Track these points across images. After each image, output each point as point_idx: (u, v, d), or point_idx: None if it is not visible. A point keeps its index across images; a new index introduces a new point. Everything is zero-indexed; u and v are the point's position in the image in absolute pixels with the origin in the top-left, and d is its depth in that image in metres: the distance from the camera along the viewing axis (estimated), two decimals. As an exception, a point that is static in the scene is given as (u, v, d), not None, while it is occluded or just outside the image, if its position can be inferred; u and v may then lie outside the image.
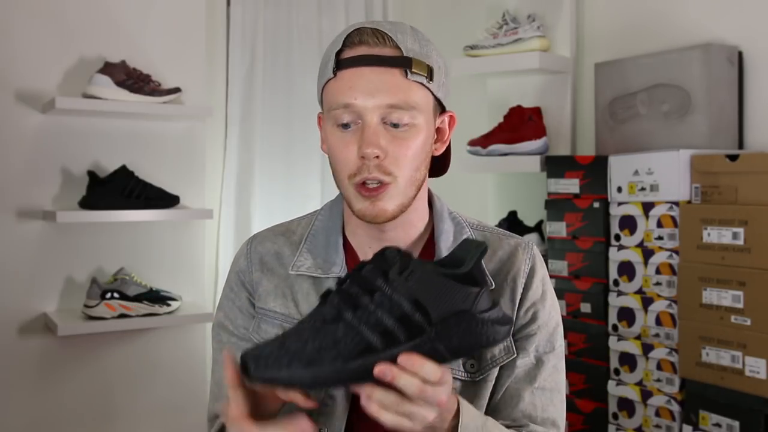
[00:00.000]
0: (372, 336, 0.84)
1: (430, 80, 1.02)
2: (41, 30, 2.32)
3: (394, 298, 0.85)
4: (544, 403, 1.09)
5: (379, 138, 0.99)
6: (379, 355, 0.84)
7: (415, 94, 1.01)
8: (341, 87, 1.00)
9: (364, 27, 1.02)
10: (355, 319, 0.85)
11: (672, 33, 2.38)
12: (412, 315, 0.85)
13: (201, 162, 2.58)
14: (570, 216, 2.29)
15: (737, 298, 1.86)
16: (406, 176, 1.02)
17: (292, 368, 0.82)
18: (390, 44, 1.00)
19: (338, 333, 0.84)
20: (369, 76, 0.99)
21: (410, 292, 0.85)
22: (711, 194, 1.97)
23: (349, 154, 1.01)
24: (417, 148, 1.02)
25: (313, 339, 0.84)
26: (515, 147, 2.50)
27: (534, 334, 1.09)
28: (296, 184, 2.94)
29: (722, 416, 1.90)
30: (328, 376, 0.83)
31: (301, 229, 1.16)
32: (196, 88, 2.54)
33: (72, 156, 2.36)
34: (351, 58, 1.00)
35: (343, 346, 0.84)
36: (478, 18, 2.90)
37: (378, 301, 0.85)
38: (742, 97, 2.25)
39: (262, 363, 0.83)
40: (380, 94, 0.98)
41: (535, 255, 1.13)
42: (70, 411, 2.36)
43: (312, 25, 2.96)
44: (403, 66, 1.00)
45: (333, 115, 1.02)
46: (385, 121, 1.00)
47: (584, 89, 2.64)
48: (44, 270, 2.34)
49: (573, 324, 2.26)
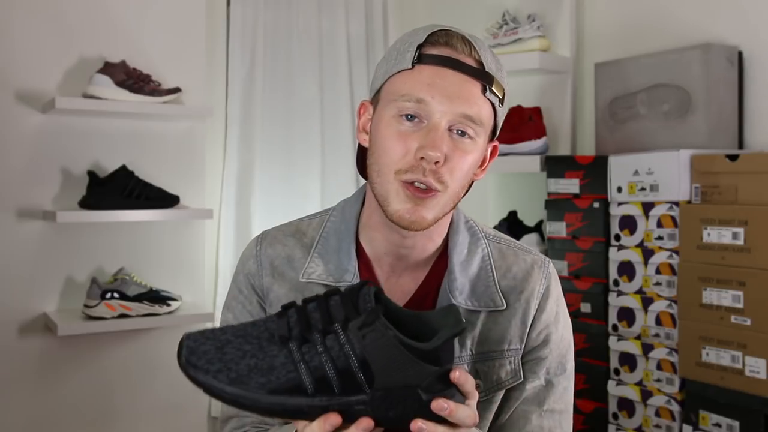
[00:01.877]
0: (307, 378, 0.81)
1: (500, 104, 0.99)
2: (41, 30, 2.32)
3: (345, 349, 0.81)
4: (552, 425, 1.07)
5: (444, 143, 0.95)
6: (304, 400, 0.81)
7: (485, 112, 0.98)
8: (419, 81, 0.96)
9: (451, 30, 0.99)
10: (298, 353, 0.81)
11: (672, 33, 2.38)
12: (355, 373, 0.81)
13: (201, 162, 2.57)
14: (570, 216, 2.29)
15: (737, 298, 1.86)
16: (454, 189, 0.98)
17: (218, 379, 0.81)
18: (475, 55, 0.97)
19: (276, 360, 0.81)
20: (451, 79, 0.95)
21: (362, 350, 0.80)
22: (711, 194, 1.97)
23: (405, 149, 0.96)
24: (471, 164, 0.99)
25: (252, 356, 0.82)
26: (515, 147, 2.50)
27: (545, 357, 1.07)
28: (296, 184, 2.94)
29: (722, 416, 1.90)
30: (247, 401, 0.81)
31: (312, 230, 1.11)
32: (196, 88, 2.54)
33: (72, 156, 2.36)
34: (436, 56, 0.96)
35: (275, 377, 0.81)
36: (478, 18, 2.90)
37: (328, 345, 0.81)
38: (742, 97, 2.25)
39: (194, 359, 0.82)
40: (459, 101, 0.95)
41: (550, 274, 1.10)
42: (70, 411, 2.36)
43: (312, 25, 2.96)
44: (485, 81, 0.97)
45: (398, 105, 0.96)
46: (452, 128, 0.96)
47: (584, 89, 2.65)
48: (44, 270, 2.34)
49: (573, 324, 2.24)
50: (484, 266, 1.07)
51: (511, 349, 1.05)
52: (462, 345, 1.03)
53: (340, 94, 3.00)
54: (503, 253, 1.10)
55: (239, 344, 0.83)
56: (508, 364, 1.05)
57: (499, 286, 1.06)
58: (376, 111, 1.02)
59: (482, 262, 1.07)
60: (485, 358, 1.04)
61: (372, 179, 1.01)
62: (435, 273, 1.07)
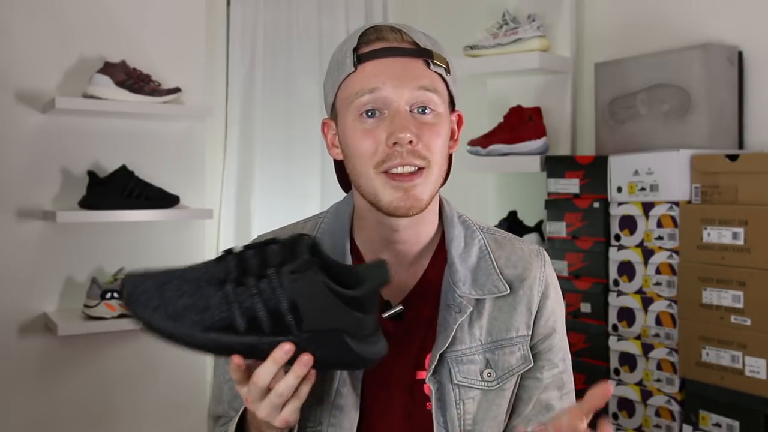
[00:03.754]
0: (239, 318, 0.86)
1: (447, 73, 1.03)
2: (41, 30, 2.32)
3: (277, 292, 0.85)
4: (569, 404, 1.11)
5: (410, 123, 0.98)
6: (235, 338, 0.86)
7: (437, 82, 1.01)
8: (365, 76, 0.99)
9: (378, 24, 1.02)
10: (233, 294, 0.86)
11: (672, 33, 2.38)
12: (285, 314, 0.86)
13: (201, 162, 2.57)
14: (570, 216, 2.29)
15: (737, 298, 1.86)
16: (438, 162, 1.01)
17: (156, 315, 0.87)
18: (407, 39, 1.01)
19: (212, 300, 0.86)
20: (394, 64, 0.99)
21: (293, 293, 0.85)
22: (711, 194, 1.97)
23: (375, 142, 0.98)
24: (444, 137, 1.02)
25: (189, 295, 0.87)
26: (515, 147, 2.50)
27: (557, 344, 1.11)
28: (296, 184, 2.94)
29: (722, 416, 1.90)
30: (182, 337, 0.87)
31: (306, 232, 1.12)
32: (196, 88, 2.54)
33: (72, 156, 2.36)
34: (373, 51, 1.00)
35: (209, 315, 0.86)
36: (478, 18, 2.90)
37: (261, 288, 0.86)
38: (742, 97, 2.25)
39: (134, 297, 0.88)
40: (408, 78, 0.98)
41: (547, 263, 1.14)
42: (70, 411, 2.36)
43: (312, 25, 2.96)
44: (425, 56, 1.00)
45: (356, 104, 0.99)
46: (413, 108, 0.99)
47: (584, 89, 2.64)
48: (44, 270, 2.34)
49: (573, 324, 2.26)
50: (483, 256, 1.09)
51: (519, 336, 1.08)
52: (471, 335, 1.05)
53: (340, 94, 3.00)
54: (500, 243, 1.12)
55: (178, 284, 0.88)
56: (517, 351, 1.07)
57: (501, 273, 1.08)
58: (338, 122, 1.05)
59: (480, 252, 1.10)
60: (495, 347, 1.06)
61: (357, 185, 1.04)
62: (433, 268, 1.09)
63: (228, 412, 1.12)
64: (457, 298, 1.05)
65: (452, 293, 1.05)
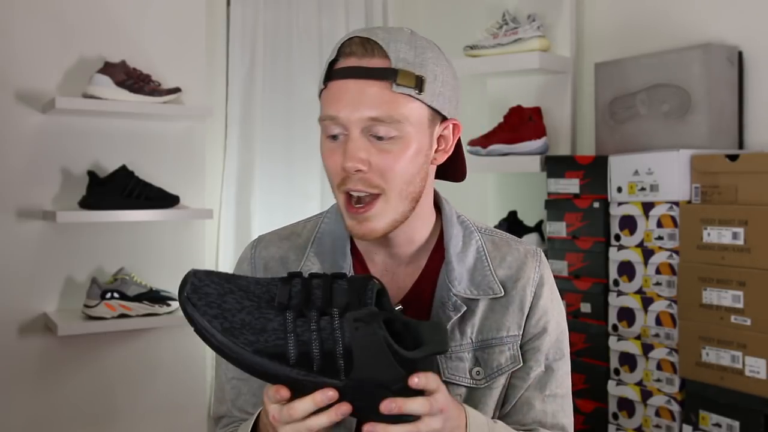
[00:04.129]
0: (293, 349, 0.85)
1: (419, 92, 0.98)
2: (41, 30, 2.32)
3: (335, 334, 0.85)
4: (555, 410, 1.10)
5: (360, 151, 0.97)
6: (284, 368, 0.85)
7: (402, 106, 0.97)
8: (329, 99, 1.00)
9: (356, 36, 1.00)
10: (292, 324, 0.86)
11: (672, 33, 2.38)
12: (337, 358, 0.85)
13: (201, 162, 2.57)
14: (570, 216, 2.29)
15: (737, 298, 1.86)
16: (395, 190, 0.99)
17: (212, 324, 0.85)
18: (379, 54, 0.98)
19: (270, 324, 0.86)
20: (353, 88, 0.97)
21: (351, 339, 0.85)
22: (711, 194, 1.97)
23: (336, 165, 1.00)
24: (406, 160, 0.99)
25: (248, 312, 0.86)
26: (515, 147, 2.50)
27: (545, 345, 1.10)
28: (296, 184, 2.94)
29: (722, 416, 1.90)
30: (231, 353, 0.86)
31: (306, 232, 1.14)
32: (196, 88, 2.54)
33: (72, 156, 2.36)
34: (339, 70, 0.99)
35: (264, 339, 0.86)
36: (478, 18, 2.90)
37: (321, 326, 0.86)
38: (742, 97, 2.25)
39: (195, 298, 0.86)
40: (363, 107, 0.96)
41: (543, 263, 1.13)
42: (70, 411, 2.36)
43: (312, 25, 2.96)
44: (388, 78, 0.97)
45: (323, 126, 1.01)
46: (371, 133, 0.98)
47: (584, 89, 2.64)
48: (44, 270, 2.34)
49: (573, 324, 2.26)
50: (480, 257, 1.10)
51: (510, 336, 1.08)
52: (462, 333, 1.06)
53: (340, 94, 3.00)
54: (496, 244, 1.13)
55: (240, 297, 0.87)
56: (507, 350, 1.07)
57: (496, 275, 1.09)
58: None
59: (477, 253, 1.10)
60: (485, 346, 1.07)
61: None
62: (431, 268, 1.09)
63: (231, 412, 1.12)
64: (452, 296, 1.05)
65: (447, 291, 1.06)
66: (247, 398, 1.10)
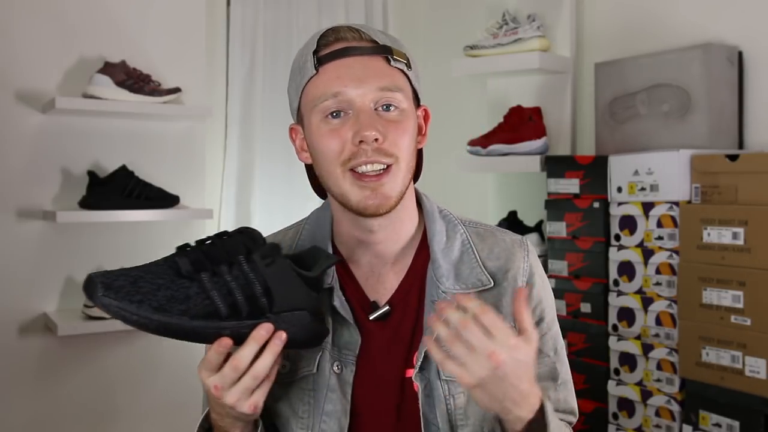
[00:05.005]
0: (221, 304, 0.90)
1: (409, 68, 1.03)
2: (41, 30, 2.32)
3: (250, 277, 0.91)
4: (566, 395, 1.12)
5: (375, 121, 0.98)
6: (221, 323, 0.90)
7: (399, 79, 1.02)
8: (327, 79, 1.00)
9: (336, 26, 1.03)
10: (209, 282, 0.90)
11: (672, 33, 2.38)
12: (259, 297, 0.91)
13: (201, 162, 2.57)
14: (570, 216, 2.29)
15: (737, 298, 1.86)
16: (405, 159, 1.01)
17: (142, 308, 0.87)
18: (366, 38, 1.02)
19: (191, 290, 0.90)
20: (355, 65, 0.99)
21: (265, 277, 0.91)
22: (711, 194, 1.97)
23: (342, 141, 0.99)
24: (411, 133, 1.02)
25: (166, 288, 0.89)
26: (515, 147, 2.50)
27: (545, 333, 1.10)
28: (296, 185, 2.94)
29: (722, 416, 1.90)
30: (172, 327, 0.89)
31: (288, 240, 1.14)
32: (196, 88, 2.54)
33: (72, 156, 2.36)
34: (333, 52, 1.00)
35: (192, 303, 0.89)
36: (478, 18, 2.90)
37: (235, 274, 0.91)
38: (742, 97, 2.25)
39: (113, 292, 0.87)
40: (370, 79, 0.99)
41: (531, 251, 1.13)
42: (70, 411, 2.36)
43: (312, 25, 2.96)
44: (385, 53, 1.01)
45: (321, 108, 1.00)
46: (377, 106, 1.00)
47: (584, 89, 2.64)
48: (44, 270, 2.34)
49: (573, 324, 2.26)
50: (465, 249, 1.09)
51: None
52: None
53: (340, 94, 3.00)
54: (481, 235, 1.12)
55: (151, 279, 0.90)
56: None
57: (485, 266, 1.08)
58: (305, 126, 1.05)
59: (462, 246, 1.09)
60: None
61: (327, 186, 1.04)
62: (416, 266, 1.09)
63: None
64: (440, 294, 1.05)
65: (436, 289, 1.05)
66: None
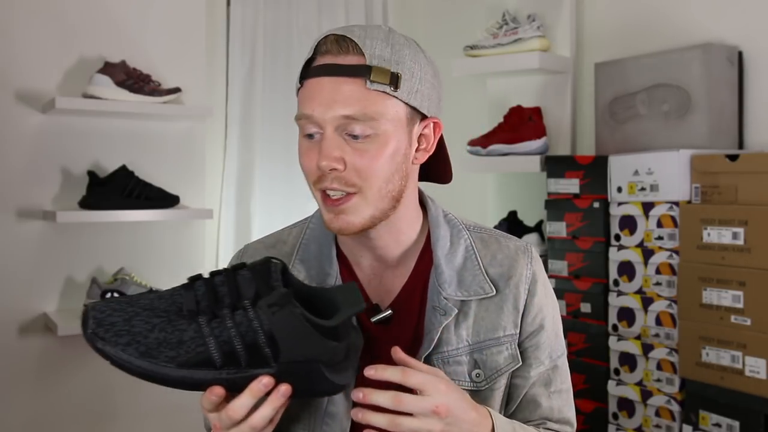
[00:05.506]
0: (215, 352, 0.83)
1: (394, 89, 0.97)
2: (41, 30, 2.32)
3: (253, 325, 0.83)
4: (561, 405, 1.11)
5: (335, 150, 0.96)
6: (212, 372, 0.84)
7: (377, 104, 0.96)
8: (304, 97, 0.99)
9: (332, 34, 0.99)
10: (207, 328, 0.84)
11: (672, 33, 2.38)
12: (262, 347, 0.84)
13: (201, 162, 2.58)
14: (570, 216, 2.29)
15: (737, 298, 1.86)
16: (373, 188, 0.98)
17: (127, 352, 0.83)
18: (354, 51, 0.97)
19: (185, 335, 0.84)
20: (327, 86, 0.96)
21: (271, 326, 0.83)
22: (711, 194, 1.97)
23: (312, 163, 0.99)
24: (383, 159, 0.97)
25: (160, 329, 0.84)
26: (515, 147, 2.50)
27: (544, 342, 1.09)
28: (296, 185, 2.94)
29: (722, 416, 1.90)
30: (156, 374, 0.83)
31: (292, 238, 1.13)
32: (196, 88, 2.54)
33: (72, 156, 2.36)
34: (314, 68, 0.99)
35: (184, 350, 0.83)
36: (478, 18, 2.90)
37: (237, 320, 0.84)
38: (742, 97, 2.25)
39: (102, 331, 0.84)
40: (336, 105, 0.95)
41: (534, 258, 1.12)
42: (70, 411, 2.36)
43: (312, 25, 2.96)
44: (362, 75, 0.96)
45: (299, 125, 1.00)
46: (346, 132, 0.97)
47: (584, 89, 2.64)
48: (44, 270, 2.34)
49: (573, 324, 2.26)
50: (469, 256, 1.08)
51: (507, 335, 1.07)
52: (458, 336, 1.04)
53: (340, 94, 3.00)
54: (485, 241, 1.11)
55: (147, 317, 0.84)
56: (505, 350, 1.06)
57: (487, 273, 1.07)
58: None
59: (466, 252, 1.08)
60: (482, 347, 1.05)
61: None
62: (419, 270, 1.08)
63: None
64: (442, 300, 1.04)
65: (438, 295, 1.04)
66: None
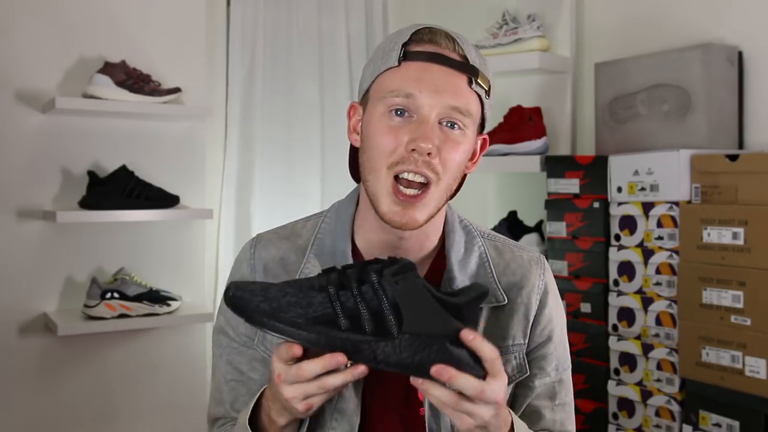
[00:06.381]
0: (341, 315, 0.87)
1: (487, 96, 1.02)
2: (41, 30, 2.32)
3: (378, 293, 0.87)
4: (563, 418, 1.10)
5: (435, 135, 0.97)
6: (337, 333, 0.87)
7: (474, 104, 1.00)
8: (406, 77, 0.97)
9: (434, 27, 1.01)
10: (335, 295, 0.88)
11: (672, 33, 2.38)
12: (386, 316, 0.87)
13: (201, 162, 2.57)
14: (570, 216, 2.29)
15: (737, 298, 1.86)
16: (447, 181, 0.99)
17: (260, 306, 0.88)
18: (459, 50, 0.99)
19: (315, 299, 0.88)
20: (437, 73, 0.97)
21: (395, 295, 0.86)
22: (711, 194, 1.97)
23: (396, 142, 0.97)
24: (463, 155, 1.00)
25: (293, 295, 0.89)
26: (515, 147, 2.50)
27: (551, 353, 1.09)
28: (296, 184, 2.94)
29: (722, 416, 1.90)
30: (285, 326, 0.87)
31: (306, 232, 1.11)
32: (196, 88, 2.54)
33: (72, 156, 2.36)
34: (421, 52, 0.98)
35: (312, 310, 0.88)
36: (478, 18, 2.90)
37: (363, 290, 0.87)
38: (742, 97, 2.25)
39: (240, 291, 0.90)
40: (446, 93, 0.97)
41: (547, 270, 1.12)
42: (70, 411, 2.36)
43: (312, 26, 2.96)
44: (470, 74, 0.99)
45: (388, 102, 0.98)
46: (441, 121, 0.98)
47: (584, 89, 2.64)
48: (44, 270, 2.34)
49: (573, 324, 2.26)
50: (482, 263, 1.08)
51: (516, 345, 1.06)
52: None
53: (340, 94, 3.00)
54: (499, 250, 1.11)
55: (280, 287, 0.90)
56: (513, 360, 1.06)
57: (499, 282, 1.07)
58: (366, 110, 1.03)
59: (480, 259, 1.08)
60: None
61: (365, 178, 1.02)
62: (433, 273, 1.08)
63: (229, 413, 1.11)
64: None
65: None
66: (245, 399, 1.08)
